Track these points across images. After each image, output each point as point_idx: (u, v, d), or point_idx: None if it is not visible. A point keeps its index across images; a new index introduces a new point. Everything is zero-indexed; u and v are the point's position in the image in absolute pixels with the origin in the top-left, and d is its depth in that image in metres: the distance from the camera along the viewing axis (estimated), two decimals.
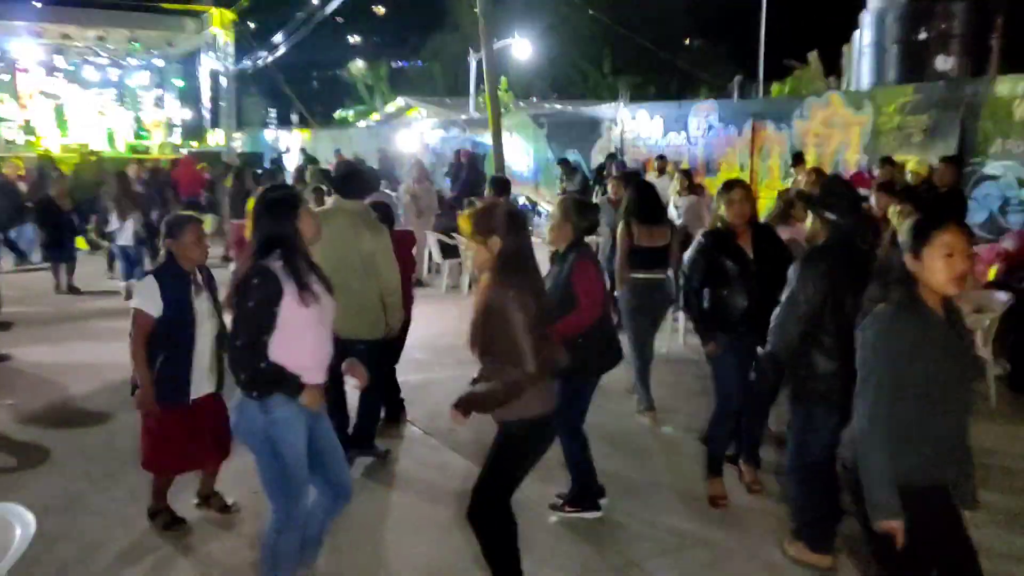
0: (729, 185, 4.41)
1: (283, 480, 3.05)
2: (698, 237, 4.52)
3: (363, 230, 4.55)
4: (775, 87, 20.30)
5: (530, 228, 9.29)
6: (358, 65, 43.63)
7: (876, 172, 9.10)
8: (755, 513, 4.30)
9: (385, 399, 5.32)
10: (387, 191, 10.31)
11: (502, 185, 8.32)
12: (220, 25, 25.61)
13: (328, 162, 19.55)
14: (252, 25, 27.07)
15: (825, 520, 3.75)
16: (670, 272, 5.65)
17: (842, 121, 10.35)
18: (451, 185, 14.72)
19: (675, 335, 7.38)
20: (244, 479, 4.19)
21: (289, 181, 12.30)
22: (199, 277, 3.94)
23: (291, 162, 21.48)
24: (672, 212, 8.62)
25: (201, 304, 3.90)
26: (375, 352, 4.57)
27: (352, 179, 4.84)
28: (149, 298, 3.77)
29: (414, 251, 6.69)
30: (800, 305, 3.52)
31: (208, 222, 11.14)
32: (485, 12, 14.66)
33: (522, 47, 22.85)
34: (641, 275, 5.56)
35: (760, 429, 4.74)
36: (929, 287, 2.53)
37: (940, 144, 9.12)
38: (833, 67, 17.11)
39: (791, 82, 19.60)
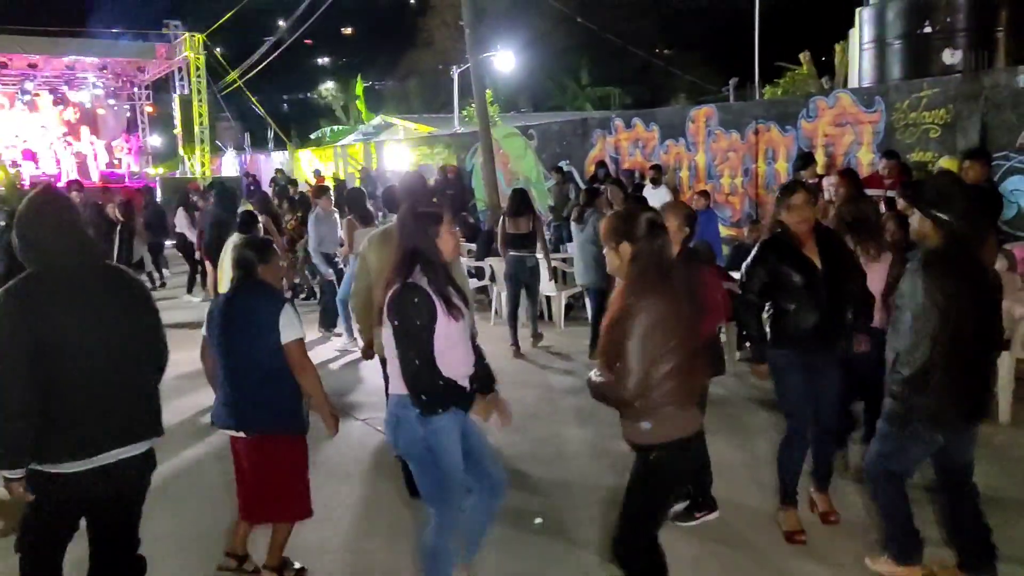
0: (790, 188, 3.99)
1: (443, 485, 3.13)
2: (757, 246, 4.09)
3: None
4: (767, 90, 20.13)
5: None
6: (327, 86, 43.32)
7: (880, 170, 8.65)
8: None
9: None
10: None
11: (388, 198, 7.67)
12: (191, 50, 25.02)
13: (307, 183, 19.00)
14: (220, 51, 26.49)
15: (912, 530, 3.45)
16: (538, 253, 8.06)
17: (852, 119, 10.02)
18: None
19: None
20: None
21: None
22: None
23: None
24: None
25: None
26: None
27: (395, 196, 5.02)
28: (300, 324, 3.54)
29: None
30: (932, 319, 3.06)
31: None
32: (470, 24, 14.25)
33: (505, 59, 22.48)
34: (513, 253, 7.96)
35: (833, 453, 4.31)
36: None
37: (961, 139, 8.81)
38: (825, 68, 16.87)
39: (784, 84, 19.44)
